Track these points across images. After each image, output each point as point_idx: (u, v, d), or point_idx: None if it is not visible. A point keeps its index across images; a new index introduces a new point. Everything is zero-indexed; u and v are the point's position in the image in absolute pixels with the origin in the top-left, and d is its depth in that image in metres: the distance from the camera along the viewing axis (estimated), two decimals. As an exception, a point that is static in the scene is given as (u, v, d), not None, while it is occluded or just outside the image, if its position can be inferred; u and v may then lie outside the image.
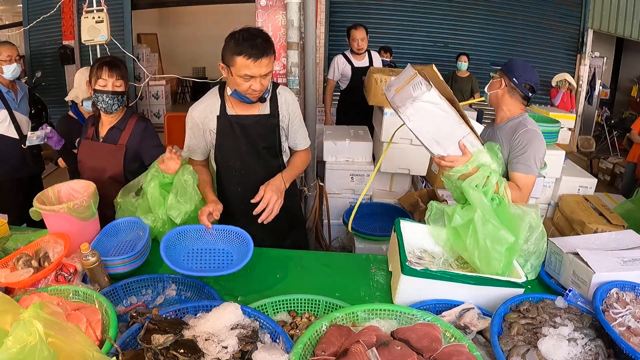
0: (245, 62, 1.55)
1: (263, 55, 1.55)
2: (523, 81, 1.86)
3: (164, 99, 8.69)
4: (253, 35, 1.56)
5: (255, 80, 1.59)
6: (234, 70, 1.58)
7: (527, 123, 1.84)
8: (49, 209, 1.58)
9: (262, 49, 1.55)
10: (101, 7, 3.26)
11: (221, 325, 1.09)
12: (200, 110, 1.79)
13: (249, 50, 1.53)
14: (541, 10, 6.26)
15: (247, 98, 1.66)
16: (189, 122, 1.81)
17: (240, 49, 1.54)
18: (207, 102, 1.79)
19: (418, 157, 3.29)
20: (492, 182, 1.54)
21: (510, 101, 1.90)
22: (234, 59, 1.56)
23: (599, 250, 1.46)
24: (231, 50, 1.56)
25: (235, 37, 1.57)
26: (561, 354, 1.08)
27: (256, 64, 1.55)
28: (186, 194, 1.75)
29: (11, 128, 2.84)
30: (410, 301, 1.37)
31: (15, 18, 8.79)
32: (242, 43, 1.54)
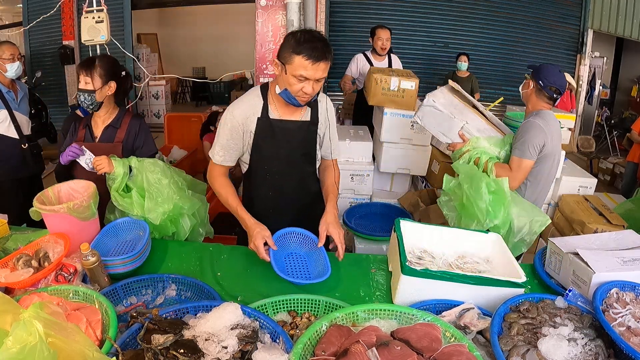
0: (304, 63, 1.52)
1: (322, 59, 1.53)
2: (548, 84, 2.12)
3: (164, 99, 8.70)
4: (315, 37, 1.53)
5: (308, 83, 1.56)
6: (290, 68, 1.55)
7: (536, 117, 2.10)
8: (49, 209, 1.58)
9: (322, 53, 1.52)
10: (101, 7, 3.25)
11: (221, 325, 1.09)
12: (242, 110, 1.71)
13: (309, 51, 1.50)
14: (541, 10, 6.25)
15: (295, 100, 1.61)
16: (228, 122, 1.72)
17: (301, 49, 1.51)
18: (249, 102, 1.72)
19: (418, 157, 3.30)
20: (482, 160, 2.10)
21: (535, 100, 2.18)
22: (292, 57, 1.53)
23: (599, 250, 1.46)
24: (291, 48, 1.53)
25: (296, 36, 1.54)
26: (561, 354, 1.08)
27: (314, 67, 1.52)
28: (163, 194, 1.73)
29: (11, 128, 2.84)
30: (410, 301, 1.37)
31: (15, 18, 8.79)
32: (303, 43, 1.51)
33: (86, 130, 2.05)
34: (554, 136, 2.13)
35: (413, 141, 3.20)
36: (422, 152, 3.30)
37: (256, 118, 1.71)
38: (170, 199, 1.76)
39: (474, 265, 1.56)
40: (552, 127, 2.13)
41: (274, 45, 2.98)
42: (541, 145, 2.08)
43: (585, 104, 7.05)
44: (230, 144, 1.74)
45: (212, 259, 1.71)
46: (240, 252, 1.77)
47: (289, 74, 1.56)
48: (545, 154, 2.12)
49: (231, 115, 1.71)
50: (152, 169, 1.81)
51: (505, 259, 1.51)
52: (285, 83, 1.59)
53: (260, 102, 1.72)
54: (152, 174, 1.80)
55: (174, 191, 1.81)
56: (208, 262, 1.69)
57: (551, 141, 2.11)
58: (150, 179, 1.79)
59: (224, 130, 1.73)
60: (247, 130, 1.72)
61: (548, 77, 2.13)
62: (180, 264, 1.69)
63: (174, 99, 10.43)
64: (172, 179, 1.86)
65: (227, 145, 1.75)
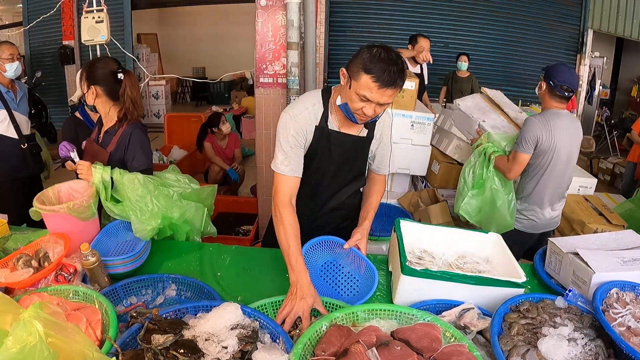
0: (370, 84, 1.38)
1: (391, 85, 1.39)
2: (559, 83, 2.21)
3: (164, 99, 8.70)
4: (390, 59, 1.38)
5: (370, 105, 1.43)
6: (355, 85, 1.42)
7: (537, 115, 2.30)
8: (49, 209, 1.58)
9: (393, 79, 1.38)
10: (101, 7, 3.26)
11: (221, 326, 1.09)
12: (304, 116, 1.57)
13: (380, 73, 1.37)
14: (541, 10, 6.25)
15: (353, 117, 1.50)
16: (290, 127, 1.55)
17: (371, 68, 1.37)
18: (310, 108, 1.59)
19: (418, 157, 3.29)
20: (488, 151, 2.44)
21: (548, 99, 2.29)
22: (360, 74, 1.40)
23: (599, 250, 1.46)
24: (361, 64, 1.39)
25: (372, 52, 1.40)
26: (561, 354, 1.08)
27: (379, 92, 1.39)
28: (147, 212, 1.66)
29: (11, 128, 2.84)
30: (410, 301, 1.37)
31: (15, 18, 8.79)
32: (377, 63, 1.37)
33: (96, 130, 2.08)
34: (554, 132, 2.21)
35: (413, 141, 3.20)
36: (422, 152, 3.29)
37: (314, 126, 1.59)
38: (156, 214, 1.68)
39: (474, 265, 1.56)
40: (552, 124, 2.21)
41: (274, 45, 2.98)
42: (535, 140, 2.21)
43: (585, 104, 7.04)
44: (296, 152, 1.58)
45: (212, 259, 1.71)
46: (240, 252, 1.77)
47: (352, 89, 1.44)
48: (541, 149, 2.23)
49: (293, 121, 1.56)
50: (132, 186, 1.69)
51: (505, 259, 1.51)
52: (347, 97, 1.47)
53: (320, 109, 1.59)
54: (132, 192, 1.69)
55: (161, 205, 1.71)
56: (208, 262, 1.69)
57: (549, 137, 2.21)
58: (131, 197, 1.69)
59: (287, 136, 1.56)
60: (308, 138, 1.60)
61: (558, 77, 2.21)
62: (180, 264, 1.69)
63: (174, 99, 10.44)
64: (157, 191, 1.73)
65: (293, 153, 1.57)
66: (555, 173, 2.31)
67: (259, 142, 3.22)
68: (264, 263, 1.69)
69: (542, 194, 2.36)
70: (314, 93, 1.64)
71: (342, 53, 6.39)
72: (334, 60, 6.39)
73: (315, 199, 1.77)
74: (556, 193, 2.39)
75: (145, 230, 1.66)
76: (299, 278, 1.36)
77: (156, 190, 1.73)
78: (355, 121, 1.52)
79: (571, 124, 2.30)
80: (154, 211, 1.68)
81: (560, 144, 2.25)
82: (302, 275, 1.37)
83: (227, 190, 4.70)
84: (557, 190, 2.39)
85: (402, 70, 1.40)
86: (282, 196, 1.54)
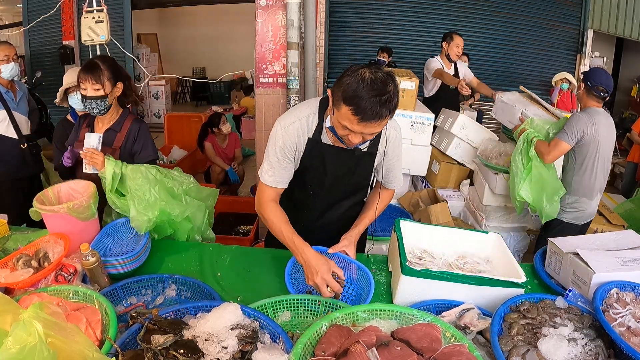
0: (349, 117, 1.27)
1: (373, 119, 1.26)
2: (596, 84, 2.53)
3: (164, 99, 8.70)
4: (374, 89, 1.23)
5: (355, 135, 1.33)
6: (337, 113, 1.32)
7: (582, 111, 2.58)
8: (48, 209, 1.58)
9: (375, 113, 1.25)
10: (101, 7, 3.25)
11: (221, 326, 1.09)
12: (296, 127, 1.49)
13: (360, 106, 1.24)
14: (541, 10, 6.25)
15: (342, 141, 1.41)
16: (279, 138, 1.49)
17: (351, 99, 1.24)
18: (304, 120, 1.51)
19: (418, 157, 3.29)
20: (529, 137, 2.67)
21: (586, 99, 2.62)
22: (340, 105, 1.28)
23: (599, 250, 1.46)
24: (342, 92, 1.26)
25: (356, 77, 1.25)
26: (561, 354, 1.08)
27: (361, 125, 1.28)
28: (144, 201, 1.66)
29: (10, 128, 2.84)
30: (410, 301, 1.37)
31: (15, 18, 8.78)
32: (358, 93, 1.23)
33: (89, 131, 2.03)
34: (597, 128, 2.51)
35: (413, 141, 3.20)
36: (422, 152, 3.29)
37: (306, 138, 1.51)
38: (154, 206, 1.69)
39: (474, 266, 1.55)
40: (596, 120, 2.51)
41: (274, 45, 2.98)
42: (580, 134, 2.50)
43: (585, 104, 7.02)
44: (282, 164, 1.52)
45: (212, 259, 1.71)
46: (240, 252, 1.77)
47: (335, 117, 1.33)
48: (586, 142, 2.52)
49: (284, 132, 1.49)
50: (133, 176, 1.73)
51: (505, 259, 1.51)
52: (333, 122, 1.38)
53: (315, 120, 1.51)
54: (132, 181, 1.72)
55: (161, 197, 1.72)
56: (208, 262, 1.69)
57: (594, 132, 2.50)
58: (131, 186, 1.72)
59: (275, 147, 1.51)
60: (299, 149, 1.53)
61: (595, 79, 2.54)
62: (180, 264, 1.69)
63: (174, 99, 10.44)
64: (158, 185, 1.75)
65: (279, 165, 1.52)
66: (600, 165, 2.59)
67: (259, 142, 3.22)
68: (264, 263, 1.68)
69: (592, 185, 2.63)
70: (311, 102, 1.56)
71: (342, 53, 6.38)
72: (334, 60, 6.38)
73: (311, 210, 1.72)
74: (600, 184, 2.67)
75: (141, 221, 1.66)
76: (303, 256, 1.41)
77: (157, 184, 1.74)
78: (346, 145, 1.43)
79: (608, 120, 2.60)
80: (150, 201, 1.68)
81: (603, 138, 2.54)
82: (305, 251, 1.40)
83: (227, 191, 4.71)
84: (602, 181, 2.67)
85: (389, 99, 1.26)
86: (264, 200, 1.55)
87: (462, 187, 3.41)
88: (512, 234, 3.07)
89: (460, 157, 3.46)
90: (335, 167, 1.58)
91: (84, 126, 2.06)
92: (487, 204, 3.04)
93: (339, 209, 1.72)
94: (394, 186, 1.74)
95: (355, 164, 1.60)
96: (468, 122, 3.42)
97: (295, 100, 2.95)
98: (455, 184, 3.47)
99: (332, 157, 1.55)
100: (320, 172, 1.59)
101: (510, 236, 3.06)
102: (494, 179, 2.97)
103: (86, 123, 2.07)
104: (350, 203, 1.73)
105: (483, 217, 3.05)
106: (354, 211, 1.74)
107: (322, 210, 1.72)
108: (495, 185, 2.95)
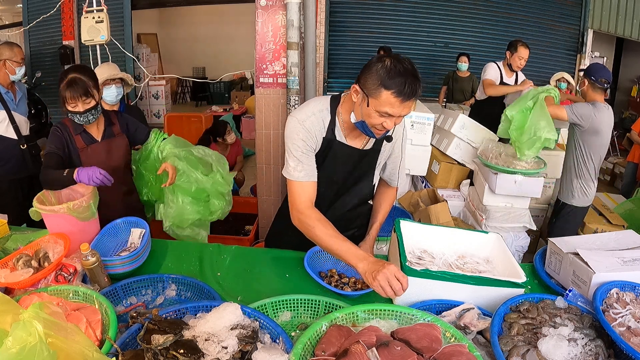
0: (391, 100, 1.32)
1: (412, 96, 1.34)
2: (598, 77, 2.79)
3: (164, 99, 8.70)
4: (407, 70, 1.32)
5: (390, 119, 1.38)
6: (374, 102, 1.35)
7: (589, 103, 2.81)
8: (48, 209, 1.58)
9: (414, 90, 1.33)
10: (101, 7, 3.26)
11: (221, 326, 1.09)
12: (312, 121, 1.51)
13: (400, 87, 1.31)
14: (541, 10, 6.25)
15: (371, 133, 1.44)
16: (300, 132, 1.49)
17: (390, 84, 1.31)
18: (318, 114, 1.52)
19: (418, 157, 3.29)
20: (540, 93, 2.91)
21: (591, 93, 2.84)
22: (380, 91, 1.33)
23: (599, 250, 1.46)
24: (379, 80, 1.32)
25: (386, 65, 1.32)
26: (561, 354, 1.08)
27: (402, 105, 1.34)
28: None
29: (10, 129, 2.85)
30: (410, 301, 1.37)
31: (15, 18, 8.78)
32: (395, 77, 1.31)
33: (83, 135, 2.01)
34: (603, 118, 2.77)
35: (413, 141, 3.20)
36: (422, 152, 3.29)
37: (322, 136, 1.54)
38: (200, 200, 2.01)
39: (474, 266, 1.55)
40: (600, 114, 2.76)
41: (274, 45, 2.98)
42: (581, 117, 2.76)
43: (585, 104, 7.02)
44: (308, 156, 1.52)
45: (212, 259, 1.71)
46: (240, 252, 1.77)
47: (371, 107, 1.37)
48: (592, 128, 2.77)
49: (301, 125, 1.50)
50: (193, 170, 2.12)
51: (505, 259, 1.51)
52: (364, 114, 1.40)
53: (327, 116, 1.53)
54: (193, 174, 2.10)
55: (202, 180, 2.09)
56: (208, 262, 1.69)
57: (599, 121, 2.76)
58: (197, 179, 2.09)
59: (296, 141, 1.50)
60: (316, 144, 1.55)
61: (597, 73, 2.80)
62: (180, 264, 1.69)
63: (174, 99, 10.44)
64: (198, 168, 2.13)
65: (305, 157, 1.51)
66: (603, 152, 2.89)
67: (259, 142, 3.22)
68: (264, 263, 1.69)
69: (596, 170, 2.92)
70: (322, 99, 1.57)
71: (342, 53, 6.39)
72: (334, 60, 6.38)
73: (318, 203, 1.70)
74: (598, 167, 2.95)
75: None
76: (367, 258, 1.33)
77: None
78: (373, 136, 1.46)
79: (609, 112, 2.83)
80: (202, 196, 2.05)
81: (606, 130, 2.81)
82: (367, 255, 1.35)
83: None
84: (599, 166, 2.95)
85: (418, 77, 1.35)
86: (302, 202, 1.51)
87: (462, 187, 3.41)
88: (512, 234, 3.07)
89: (460, 157, 3.46)
90: (345, 164, 1.61)
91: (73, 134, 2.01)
92: (487, 204, 3.04)
93: (344, 207, 1.74)
94: (397, 183, 1.79)
95: (363, 162, 1.63)
96: (468, 122, 3.42)
97: (295, 100, 2.95)
98: (455, 184, 3.47)
99: (344, 156, 1.58)
100: (330, 169, 1.60)
101: (510, 236, 3.06)
102: (494, 179, 2.97)
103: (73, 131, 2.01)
104: (355, 201, 1.75)
105: (483, 217, 3.05)
106: (358, 209, 1.77)
107: (326, 207, 1.72)
108: (495, 185, 2.95)
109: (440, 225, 2.13)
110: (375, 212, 1.79)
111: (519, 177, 2.92)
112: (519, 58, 3.88)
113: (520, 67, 3.93)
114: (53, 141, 1.99)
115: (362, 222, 1.81)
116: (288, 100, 2.97)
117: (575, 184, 2.93)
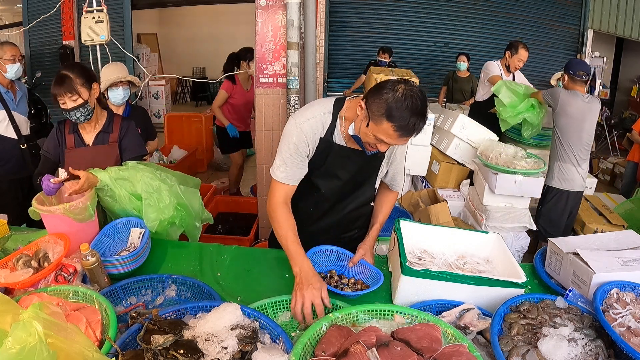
0: (391, 133, 1.31)
1: (412, 133, 1.32)
2: (577, 70, 3.09)
3: (164, 99, 8.70)
4: (415, 107, 1.28)
5: (385, 145, 1.38)
6: (374, 127, 1.33)
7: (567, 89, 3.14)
8: (46, 210, 1.58)
9: (416, 128, 1.31)
10: (101, 7, 3.25)
11: (221, 326, 1.09)
12: (311, 124, 1.50)
13: (403, 123, 1.28)
14: (541, 10, 6.25)
15: (364, 148, 1.45)
16: (293, 134, 1.50)
17: (395, 118, 1.28)
18: (318, 117, 1.52)
19: (418, 157, 3.30)
20: None
21: (572, 85, 3.13)
22: (382, 120, 1.30)
23: (599, 251, 1.45)
24: (384, 109, 1.29)
25: (396, 94, 1.28)
26: (561, 354, 1.08)
27: (400, 139, 1.34)
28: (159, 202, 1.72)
29: (10, 128, 2.84)
30: (410, 301, 1.37)
31: (15, 18, 8.78)
32: (401, 112, 1.27)
33: (75, 136, 2.01)
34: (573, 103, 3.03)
35: (413, 141, 3.18)
36: (422, 152, 3.29)
37: (319, 137, 1.53)
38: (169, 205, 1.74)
39: (474, 266, 1.55)
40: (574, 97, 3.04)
41: (274, 45, 2.98)
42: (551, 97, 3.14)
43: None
44: (295, 161, 1.53)
45: (212, 259, 1.71)
46: (240, 252, 1.77)
47: (370, 129, 1.35)
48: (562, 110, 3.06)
49: (298, 129, 1.50)
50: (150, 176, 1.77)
51: (505, 259, 1.51)
52: (362, 131, 1.39)
53: (329, 119, 1.52)
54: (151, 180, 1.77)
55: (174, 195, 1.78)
56: (208, 262, 1.69)
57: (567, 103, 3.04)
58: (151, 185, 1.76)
59: (288, 143, 1.51)
60: (311, 148, 1.54)
61: (574, 67, 3.11)
62: (180, 264, 1.69)
63: (174, 99, 10.44)
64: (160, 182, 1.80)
65: (291, 161, 1.52)
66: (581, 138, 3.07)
67: (259, 142, 3.22)
68: (264, 263, 1.68)
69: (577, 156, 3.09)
70: (326, 102, 1.56)
71: (342, 53, 6.39)
72: (334, 60, 6.39)
73: (317, 209, 1.73)
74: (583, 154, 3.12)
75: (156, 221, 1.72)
76: (301, 267, 1.38)
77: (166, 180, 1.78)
78: (364, 150, 1.46)
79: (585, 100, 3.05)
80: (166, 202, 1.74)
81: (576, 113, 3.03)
82: (304, 264, 1.38)
83: (226, 190, 4.70)
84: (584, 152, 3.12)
85: (425, 116, 1.32)
86: (276, 199, 1.55)
87: (462, 187, 3.41)
88: (512, 234, 3.07)
89: (460, 157, 3.46)
90: (344, 166, 1.60)
91: (67, 132, 2.02)
92: (487, 204, 3.04)
93: (344, 210, 1.73)
94: (399, 188, 1.77)
95: (363, 166, 1.62)
96: (468, 122, 3.42)
97: (295, 100, 2.95)
98: (455, 184, 3.47)
99: (343, 158, 1.57)
100: (329, 171, 1.60)
101: (510, 236, 3.06)
102: (494, 179, 2.97)
103: (68, 130, 2.02)
104: (356, 204, 1.74)
105: (483, 217, 3.05)
106: (358, 212, 1.76)
107: (326, 210, 1.73)
108: (495, 185, 2.95)
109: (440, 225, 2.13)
110: (376, 214, 1.79)
111: (519, 177, 2.92)
112: (519, 60, 3.89)
113: (517, 68, 3.94)
114: (47, 143, 2.00)
115: (364, 223, 1.80)
116: (288, 101, 2.96)
117: (553, 165, 3.17)
